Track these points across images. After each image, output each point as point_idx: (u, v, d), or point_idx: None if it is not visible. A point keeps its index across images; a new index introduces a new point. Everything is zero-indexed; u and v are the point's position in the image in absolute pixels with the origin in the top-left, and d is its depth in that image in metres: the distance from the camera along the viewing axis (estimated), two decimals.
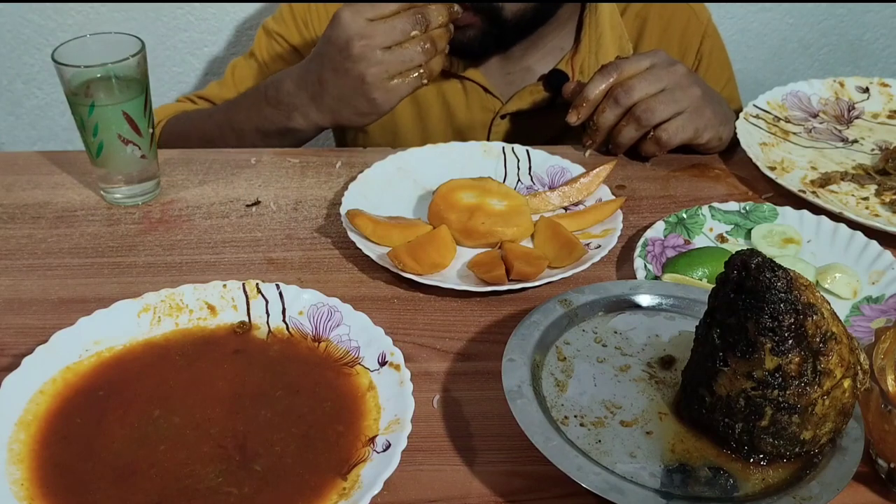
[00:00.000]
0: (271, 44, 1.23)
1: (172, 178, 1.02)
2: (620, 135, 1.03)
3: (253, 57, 1.24)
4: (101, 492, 0.61)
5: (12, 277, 0.86)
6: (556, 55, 1.16)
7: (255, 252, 0.91)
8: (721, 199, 0.99)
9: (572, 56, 1.15)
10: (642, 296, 0.77)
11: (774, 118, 1.14)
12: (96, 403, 0.68)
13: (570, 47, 1.17)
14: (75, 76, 0.89)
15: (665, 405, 0.67)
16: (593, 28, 1.15)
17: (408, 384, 0.68)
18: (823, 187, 1.02)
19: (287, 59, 1.22)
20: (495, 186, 0.93)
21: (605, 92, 1.02)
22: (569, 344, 0.72)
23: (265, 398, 0.69)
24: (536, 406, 0.64)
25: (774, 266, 0.59)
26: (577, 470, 0.59)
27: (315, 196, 1.00)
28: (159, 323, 0.75)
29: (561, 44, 1.15)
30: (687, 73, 1.01)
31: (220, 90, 1.24)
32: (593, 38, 1.14)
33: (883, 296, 0.84)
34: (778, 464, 0.62)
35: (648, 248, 0.88)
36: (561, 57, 1.16)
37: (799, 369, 0.60)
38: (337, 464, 0.64)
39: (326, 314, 0.76)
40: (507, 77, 1.17)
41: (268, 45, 1.23)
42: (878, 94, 1.21)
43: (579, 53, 1.15)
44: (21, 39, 1.57)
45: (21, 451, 0.64)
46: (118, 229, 0.94)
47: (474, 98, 1.19)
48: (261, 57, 1.23)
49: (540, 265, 0.84)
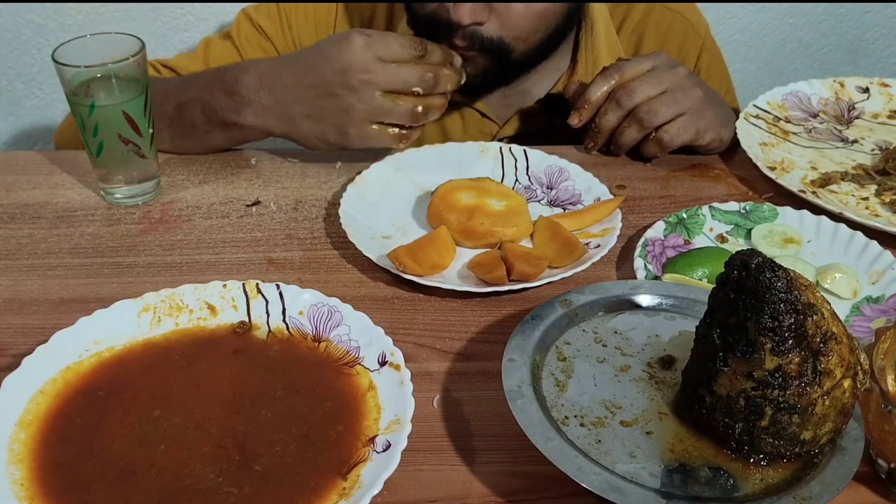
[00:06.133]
0: (252, 31, 1.18)
1: (172, 178, 1.02)
2: (622, 136, 1.03)
3: (230, 39, 1.18)
4: (101, 492, 0.61)
5: (12, 277, 0.86)
6: (554, 76, 1.15)
7: (255, 252, 0.91)
8: (721, 199, 0.99)
9: (569, 77, 1.15)
10: (642, 296, 0.77)
11: (774, 118, 1.14)
12: (96, 403, 0.68)
13: (567, 68, 1.16)
14: (75, 76, 0.89)
15: (665, 405, 0.67)
16: (589, 49, 1.14)
17: (408, 384, 0.68)
18: (823, 187, 1.02)
19: (266, 51, 1.18)
20: (494, 187, 0.93)
21: (607, 94, 1.02)
22: (569, 344, 0.72)
23: (265, 398, 0.69)
24: (536, 406, 0.64)
25: (774, 266, 0.59)
26: (577, 470, 0.59)
27: (315, 196, 1.00)
28: (159, 323, 0.75)
29: (558, 64, 1.14)
30: (688, 75, 1.02)
31: (188, 63, 1.17)
32: (590, 59, 1.14)
33: (883, 296, 0.84)
34: (778, 464, 0.62)
35: (648, 248, 0.88)
36: (558, 78, 1.15)
37: (799, 369, 0.60)
38: (337, 464, 0.64)
39: (326, 314, 0.76)
40: (503, 100, 1.16)
41: (248, 32, 1.18)
42: (878, 94, 1.21)
43: (576, 74, 1.14)
44: (21, 39, 1.57)
45: (21, 451, 0.64)
46: (118, 229, 0.94)
47: (471, 122, 1.18)
48: (238, 41, 1.18)
49: (540, 265, 0.84)
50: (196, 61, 1.17)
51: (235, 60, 1.16)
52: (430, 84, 0.93)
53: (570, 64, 1.15)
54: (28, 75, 1.62)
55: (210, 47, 1.18)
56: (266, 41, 1.18)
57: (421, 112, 0.94)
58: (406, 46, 0.93)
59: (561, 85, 1.15)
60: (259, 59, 1.03)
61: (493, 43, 1.00)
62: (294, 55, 0.99)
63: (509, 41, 1.01)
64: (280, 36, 1.18)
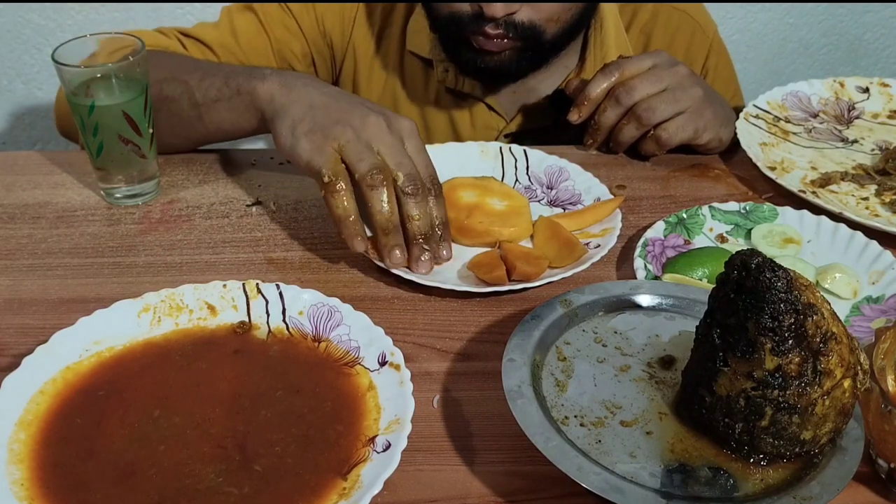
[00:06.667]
0: (275, 7, 1.14)
1: (172, 178, 1.02)
2: (621, 133, 1.03)
3: (252, 12, 1.14)
4: (101, 492, 0.61)
5: (12, 277, 0.86)
6: (562, 73, 1.15)
7: (255, 252, 0.91)
8: (721, 199, 0.99)
9: (577, 74, 1.15)
10: (642, 296, 0.77)
11: (774, 118, 1.14)
12: (96, 403, 0.68)
13: (575, 65, 1.16)
14: (75, 76, 0.89)
15: (665, 405, 0.67)
16: (598, 47, 1.14)
17: (408, 384, 0.68)
18: (823, 187, 1.02)
19: (289, 28, 1.15)
20: (497, 186, 0.93)
21: (607, 91, 1.02)
22: (569, 344, 0.72)
23: (265, 398, 0.69)
24: (536, 406, 0.64)
25: (774, 266, 0.59)
26: (577, 470, 0.59)
27: (315, 196, 0.99)
28: (159, 323, 0.75)
29: (566, 62, 1.14)
30: (689, 74, 1.02)
31: (216, 33, 1.12)
32: (598, 57, 1.14)
33: (883, 296, 0.84)
34: (778, 464, 0.62)
35: (648, 248, 0.88)
36: (566, 75, 1.15)
37: (799, 369, 0.60)
38: (337, 464, 0.64)
39: (326, 314, 0.76)
40: (512, 96, 1.16)
41: (270, 6, 1.13)
42: (878, 94, 1.21)
43: (584, 72, 1.14)
44: (21, 39, 1.57)
45: (21, 451, 0.64)
46: (118, 229, 0.94)
47: (478, 115, 1.18)
48: (263, 16, 1.13)
49: (541, 265, 0.84)
50: (224, 33, 1.13)
51: (260, 34, 1.14)
52: (418, 196, 0.83)
53: (579, 62, 1.16)
54: (28, 75, 1.62)
55: (234, 18, 1.15)
56: (290, 18, 1.15)
57: (378, 180, 0.81)
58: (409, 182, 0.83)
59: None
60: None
61: (525, 27, 1.01)
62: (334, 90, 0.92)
63: (541, 24, 1.01)
64: (304, 13, 1.16)
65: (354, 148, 0.83)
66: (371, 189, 0.82)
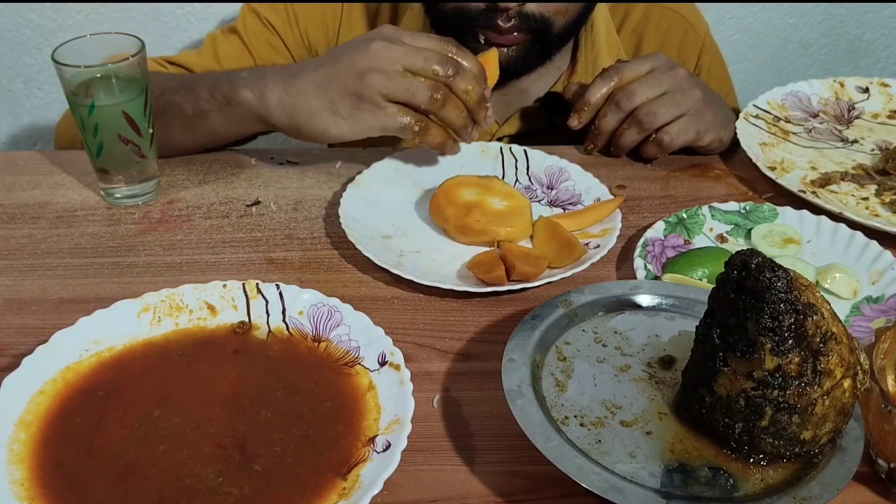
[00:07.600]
0: (259, 26, 1.16)
1: (172, 178, 1.02)
2: (622, 138, 1.03)
3: (236, 34, 1.16)
4: (101, 492, 0.61)
5: (12, 277, 0.86)
6: (554, 75, 1.15)
7: (255, 252, 0.91)
8: (721, 199, 0.99)
9: (569, 76, 1.15)
10: (642, 296, 0.77)
11: (774, 118, 1.14)
12: (96, 403, 0.68)
13: (567, 67, 1.16)
14: (75, 76, 0.89)
15: (665, 405, 0.67)
16: (589, 48, 1.14)
17: (408, 384, 0.68)
18: (823, 187, 1.02)
19: (275, 46, 1.16)
20: (500, 186, 0.93)
21: (607, 96, 1.02)
22: (569, 344, 0.72)
23: (265, 398, 0.69)
24: (536, 406, 0.64)
25: (774, 266, 0.59)
26: (577, 470, 0.59)
27: (315, 196, 1.00)
28: (159, 323, 0.75)
29: (558, 63, 1.14)
30: (688, 76, 1.02)
31: (198, 59, 1.14)
32: (590, 58, 1.14)
33: (883, 296, 0.84)
34: (778, 464, 0.63)
35: (648, 248, 0.88)
36: (558, 77, 1.15)
37: (799, 369, 0.60)
38: (337, 464, 0.64)
39: (326, 314, 0.76)
40: (504, 98, 1.15)
41: (254, 27, 1.16)
42: (878, 94, 1.21)
43: (576, 73, 1.14)
44: (21, 39, 1.57)
45: (21, 451, 0.64)
46: (118, 229, 0.94)
47: None
48: (246, 36, 1.15)
49: (540, 265, 0.84)
50: (206, 57, 1.15)
51: (244, 55, 1.16)
52: (451, 66, 0.89)
53: (570, 63, 1.15)
54: (28, 75, 1.62)
55: (217, 43, 1.16)
56: (274, 36, 1.17)
57: (440, 98, 0.88)
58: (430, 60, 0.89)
59: (560, 84, 1.15)
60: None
61: (536, 19, 1.02)
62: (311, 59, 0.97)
63: (550, 16, 1.02)
64: (288, 30, 1.17)
65: (394, 86, 0.87)
66: (442, 109, 0.89)
